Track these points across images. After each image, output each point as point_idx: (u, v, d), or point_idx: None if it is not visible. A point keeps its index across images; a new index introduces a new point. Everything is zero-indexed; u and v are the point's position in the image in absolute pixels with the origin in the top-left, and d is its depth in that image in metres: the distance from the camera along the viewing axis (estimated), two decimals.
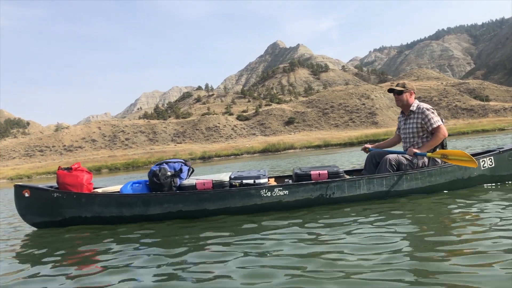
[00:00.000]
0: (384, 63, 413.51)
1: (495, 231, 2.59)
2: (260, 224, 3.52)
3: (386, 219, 3.29)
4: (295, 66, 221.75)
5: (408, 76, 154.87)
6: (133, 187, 4.36)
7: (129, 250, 3.02)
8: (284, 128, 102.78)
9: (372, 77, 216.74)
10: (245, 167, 18.48)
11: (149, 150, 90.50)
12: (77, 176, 4.26)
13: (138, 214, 4.09)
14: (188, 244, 3.03)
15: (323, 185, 4.07)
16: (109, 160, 75.82)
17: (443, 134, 4.26)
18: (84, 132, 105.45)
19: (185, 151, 77.55)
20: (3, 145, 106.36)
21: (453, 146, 17.06)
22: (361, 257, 2.33)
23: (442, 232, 2.70)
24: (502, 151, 4.42)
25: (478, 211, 3.21)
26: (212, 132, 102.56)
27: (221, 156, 67.30)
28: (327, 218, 3.51)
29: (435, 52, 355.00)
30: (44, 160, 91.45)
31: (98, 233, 3.82)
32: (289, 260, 2.40)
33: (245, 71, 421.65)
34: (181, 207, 4.05)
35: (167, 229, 3.71)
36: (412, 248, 2.41)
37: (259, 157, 52.03)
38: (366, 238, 2.73)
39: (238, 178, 4.22)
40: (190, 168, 4.62)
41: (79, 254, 3.09)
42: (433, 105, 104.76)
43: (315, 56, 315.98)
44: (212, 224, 3.73)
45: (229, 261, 2.50)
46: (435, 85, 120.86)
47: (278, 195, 4.05)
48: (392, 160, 4.24)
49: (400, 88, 4.48)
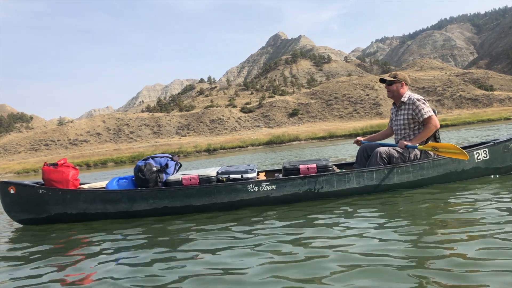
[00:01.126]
0: (386, 54, 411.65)
1: (490, 225, 2.50)
2: (244, 220, 3.43)
3: (375, 214, 3.19)
4: (298, 58, 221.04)
5: (411, 67, 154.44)
6: (119, 183, 4.26)
7: (113, 248, 2.95)
8: (288, 120, 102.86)
9: (374, 68, 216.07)
10: (249, 160, 18.33)
11: (154, 143, 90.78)
12: (62, 172, 4.19)
13: (123, 210, 3.99)
14: (174, 241, 2.96)
15: (312, 179, 3.96)
16: (114, 154, 76.14)
17: (435, 125, 4.13)
18: (89, 125, 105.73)
19: (190, 144, 77.74)
20: (9, 139, 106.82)
21: (458, 136, 16.87)
22: (346, 255, 2.25)
23: (434, 228, 2.61)
24: (497, 143, 4.28)
25: (472, 205, 3.10)
26: (216, 125, 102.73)
27: (226, 149, 67.47)
28: (314, 213, 3.42)
29: (437, 42, 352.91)
30: (49, 154, 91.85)
31: (83, 230, 3.75)
32: (273, 258, 2.32)
33: (246, 63, 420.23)
34: (167, 203, 3.95)
35: (152, 226, 3.61)
36: (402, 244, 2.33)
37: (264, 149, 52.10)
38: (352, 235, 2.63)
39: (225, 173, 4.11)
40: (178, 163, 4.54)
41: (62, 252, 2.99)
42: (438, 95, 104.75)
43: (317, 47, 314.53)
44: (197, 221, 3.62)
45: (208, 259, 2.44)
46: (439, 75, 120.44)
47: (266, 190, 3.94)
48: (383, 153, 4.13)
49: (390, 78, 4.38)
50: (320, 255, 2.29)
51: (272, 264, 2.22)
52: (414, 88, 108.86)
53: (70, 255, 2.88)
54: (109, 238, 3.29)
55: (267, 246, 2.57)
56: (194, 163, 22.75)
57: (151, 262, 2.50)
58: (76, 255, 2.87)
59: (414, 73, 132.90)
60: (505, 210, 2.84)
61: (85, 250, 2.99)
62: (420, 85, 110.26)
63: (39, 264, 2.72)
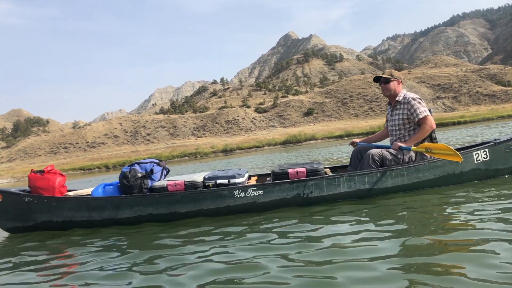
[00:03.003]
0: (398, 52, 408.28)
1: (490, 231, 2.37)
2: (228, 229, 3.29)
3: (366, 220, 3.04)
4: (310, 57, 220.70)
5: (425, 64, 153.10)
6: (105, 189, 4.17)
7: (98, 257, 2.88)
8: (303, 119, 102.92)
9: (387, 66, 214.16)
10: (264, 160, 17.91)
11: (170, 144, 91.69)
12: (48, 179, 4.10)
13: (108, 218, 3.90)
14: (157, 249, 2.89)
15: (300, 184, 3.80)
16: (132, 155, 77.18)
17: (430, 125, 3.94)
18: (106, 128, 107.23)
19: (206, 145, 78.39)
20: (28, 143, 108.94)
21: (482, 133, 16.06)
22: (332, 265, 2.14)
23: (428, 235, 2.45)
24: (498, 143, 4.03)
25: (471, 210, 2.90)
26: (231, 125, 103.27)
27: (242, 149, 67.86)
28: (301, 220, 3.26)
29: (450, 38, 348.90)
30: (68, 157, 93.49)
31: (69, 238, 3.69)
32: (260, 267, 2.23)
33: (257, 63, 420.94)
34: (152, 210, 3.84)
35: (137, 234, 3.53)
36: (395, 252, 2.22)
37: (280, 148, 52.25)
38: (339, 244, 2.48)
39: (212, 178, 3.98)
40: (165, 168, 4.41)
41: (47, 261, 2.93)
42: (454, 92, 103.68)
43: (329, 46, 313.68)
44: (182, 228, 3.52)
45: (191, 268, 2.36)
46: (454, 71, 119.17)
47: (253, 196, 3.78)
48: (375, 155, 3.93)
49: (387, 76, 4.17)
50: (301, 264, 2.19)
51: (265, 274, 2.12)
52: (430, 85, 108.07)
53: (54, 265, 2.83)
54: (93, 246, 3.23)
55: (255, 256, 2.43)
56: (213, 164, 22.76)
57: (134, 272, 2.41)
58: (61, 265, 2.81)
59: (429, 70, 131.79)
60: (506, 215, 2.65)
61: (69, 260, 2.94)
62: (436, 82, 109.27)
63: (22, 273, 2.70)
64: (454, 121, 59.49)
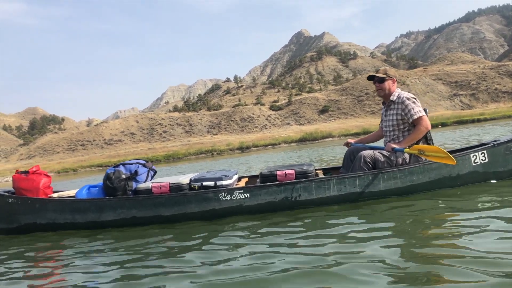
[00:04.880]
0: (412, 49, 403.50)
1: (487, 239, 2.25)
2: (211, 233, 3.21)
3: (356, 224, 2.90)
4: (323, 55, 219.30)
5: (441, 61, 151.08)
6: (89, 191, 4.08)
7: (79, 261, 2.82)
8: (318, 116, 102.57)
9: (401, 63, 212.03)
10: (279, 158, 17.63)
11: (186, 141, 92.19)
12: (33, 180, 4.02)
13: (91, 220, 3.81)
14: (138, 254, 2.81)
15: (288, 186, 3.65)
16: (149, 153, 77.79)
17: (425, 126, 3.78)
18: (123, 126, 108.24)
19: (222, 142, 78.56)
20: (46, 140, 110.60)
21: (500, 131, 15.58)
22: (321, 270, 2.08)
23: (421, 242, 2.32)
24: (497, 144, 3.84)
25: (467, 216, 2.74)
26: (246, 123, 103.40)
27: (258, 146, 67.88)
28: (288, 225, 3.16)
29: (465, 35, 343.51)
30: (86, 154, 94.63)
31: (53, 240, 3.62)
32: (245, 274, 2.17)
33: (269, 61, 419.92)
34: (135, 213, 3.74)
35: (120, 237, 3.45)
36: (383, 259, 2.12)
37: (296, 146, 52.25)
38: (327, 251, 2.36)
39: (198, 180, 3.86)
40: (151, 170, 4.30)
41: (25, 268, 2.84)
42: (472, 89, 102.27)
43: (341, 44, 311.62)
44: (165, 231, 3.45)
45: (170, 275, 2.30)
46: (471, 68, 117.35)
47: (239, 199, 3.65)
48: (367, 156, 3.78)
49: (382, 75, 4.03)
50: (285, 270, 2.13)
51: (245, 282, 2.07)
52: (447, 82, 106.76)
53: (36, 268, 2.79)
54: (76, 250, 3.16)
55: (239, 263, 2.36)
56: (229, 161, 22.72)
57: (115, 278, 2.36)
58: (44, 267, 2.78)
59: (445, 67, 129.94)
60: (504, 222, 2.52)
61: (52, 263, 2.89)
62: (453, 79, 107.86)
63: (3, 277, 2.64)
64: (474, 119, 58.56)
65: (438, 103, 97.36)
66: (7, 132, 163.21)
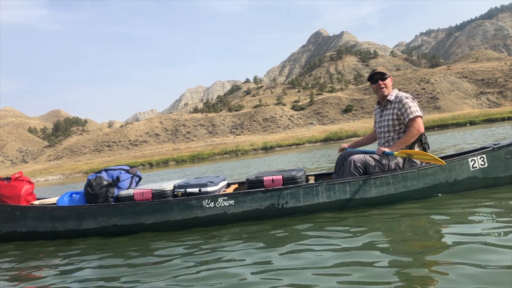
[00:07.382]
0: (432, 47, 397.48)
1: (486, 250, 2.11)
2: (189, 243, 3.06)
3: (344, 234, 2.73)
4: (343, 54, 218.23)
5: (465, 58, 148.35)
6: (71, 198, 3.95)
7: (59, 272, 2.71)
8: (342, 116, 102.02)
9: (423, 62, 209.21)
10: (301, 159, 17.13)
11: (210, 142, 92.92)
12: (14, 187, 3.90)
13: (72, 228, 3.65)
14: (123, 265, 2.70)
15: (275, 193, 3.48)
16: (174, 153, 78.72)
17: (417, 129, 3.54)
18: (147, 127, 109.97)
19: (245, 143, 78.86)
20: (73, 141, 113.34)
21: None
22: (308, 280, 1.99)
23: (414, 253, 2.19)
24: (498, 148, 3.59)
25: (464, 226, 2.58)
26: (269, 123, 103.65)
27: (282, 146, 67.87)
28: (272, 234, 2.99)
29: (488, 32, 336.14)
30: (112, 155, 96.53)
31: (30, 252, 3.45)
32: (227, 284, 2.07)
33: (288, 62, 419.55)
34: (116, 221, 3.58)
35: (100, 246, 3.33)
36: (372, 272, 1.99)
37: (321, 146, 52.05)
38: (312, 263, 2.23)
39: (182, 187, 3.70)
40: (135, 176, 4.13)
41: (5, 279, 2.73)
42: (499, 87, 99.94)
43: (361, 43, 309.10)
44: (145, 241, 3.30)
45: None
46: (498, 65, 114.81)
47: (223, 206, 3.48)
48: (357, 161, 3.57)
49: (384, 71, 3.85)
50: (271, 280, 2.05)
51: None
52: (472, 80, 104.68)
53: (17, 278, 2.71)
54: (56, 261, 3.03)
55: (212, 271, 2.29)
56: (253, 161, 22.62)
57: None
58: (18, 280, 2.66)
59: (470, 65, 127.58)
60: (504, 231, 2.36)
61: (31, 272, 2.80)
62: (479, 77, 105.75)
63: None
64: (504, 117, 57.31)
65: (464, 102, 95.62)
66: (32, 135, 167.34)
